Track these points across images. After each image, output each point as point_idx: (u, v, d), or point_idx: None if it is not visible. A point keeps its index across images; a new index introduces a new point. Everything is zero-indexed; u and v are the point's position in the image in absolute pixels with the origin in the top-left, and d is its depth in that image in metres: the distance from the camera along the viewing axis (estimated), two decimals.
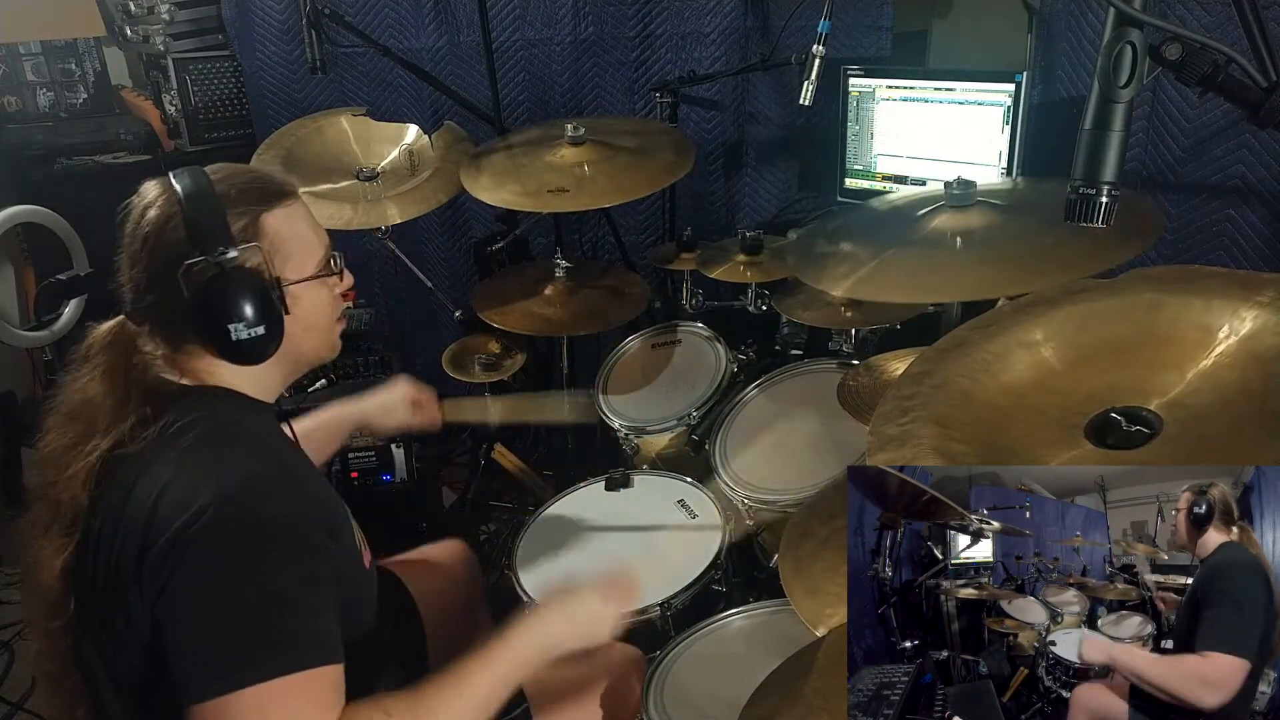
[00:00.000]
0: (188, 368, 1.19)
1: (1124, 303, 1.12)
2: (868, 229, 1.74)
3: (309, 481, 1.20)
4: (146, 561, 1.03)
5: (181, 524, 1.02)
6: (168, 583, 1.02)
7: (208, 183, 1.17)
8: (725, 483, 1.90)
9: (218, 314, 1.13)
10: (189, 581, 1.02)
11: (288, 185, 1.25)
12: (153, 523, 1.04)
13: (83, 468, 1.11)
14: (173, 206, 1.15)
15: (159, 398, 1.14)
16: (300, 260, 1.22)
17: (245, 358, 1.17)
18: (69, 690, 1.16)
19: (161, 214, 1.15)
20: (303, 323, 1.22)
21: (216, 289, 1.13)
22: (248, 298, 1.14)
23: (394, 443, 2.35)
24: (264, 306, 1.16)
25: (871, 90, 2.46)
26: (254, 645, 1.00)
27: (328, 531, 1.13)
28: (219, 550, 1.02)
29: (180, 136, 3.03)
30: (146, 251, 1.15)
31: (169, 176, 1.18)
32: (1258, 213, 1.96)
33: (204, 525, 1.02)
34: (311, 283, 1.23)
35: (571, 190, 2.17)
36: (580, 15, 2.75)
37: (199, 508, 1.02)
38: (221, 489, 1.05)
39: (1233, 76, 0.99)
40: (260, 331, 1.15)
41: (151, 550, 1.03)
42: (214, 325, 1.14)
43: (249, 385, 1.22)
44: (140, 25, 2.98)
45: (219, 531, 1.02)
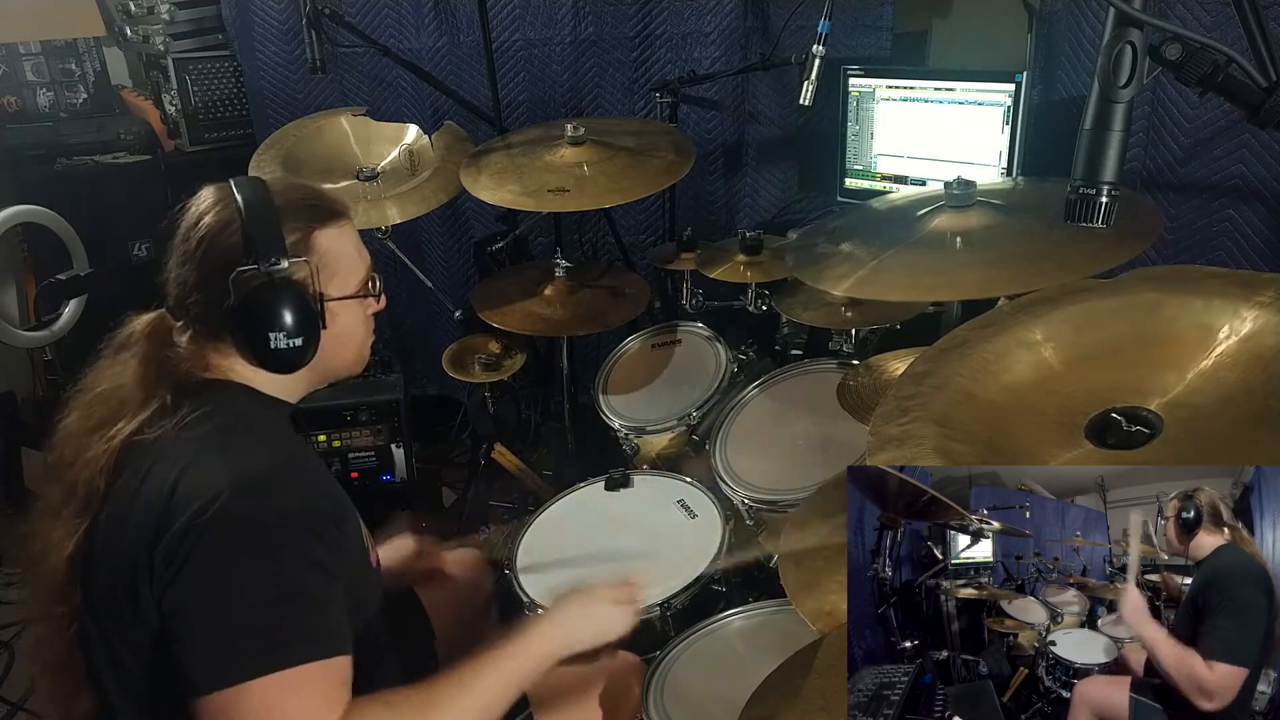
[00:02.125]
0: (214, 364, 1.21)
1: (1124, 303, 1.12)
2: (868, 229, 1.74)
3: (320, 478, 1.22)
4: (159, 549, 1.04)
5: (195, 512, 1.03)
6: (179, 572, 1.03)
7: (267, 194, 1.21)
8: (725, 483, 1.90)
9: (260, 322, 1.17)
10: (200, 571, 1.03)
11: (341, 205, 1.29)
12: (167, 510, 1.05)
13: (103, 452, 1.13)
14: (232, 213, 1.18)
15: (181, 390, 1.17)
16: (344, 279, 1.26)
17: (279, 366, 1.20)
18: (68, 679, 1.17)
19: (219, 219, 1.18)
20: (338, 338, 1.26)
21: (263, 298, 1.17)
22: (291, 309, 1.18)
23: (394, 443, 2.36)
24: (305, 320, 1.19)
25: (871, 90, 2.46)
26: (264, 637, 1.01)
27: (337, 527, 1.15)
28: (231, 540, 1.04)
29: (180, 136, 3.02)
30: (200, 253, 1.18)
31: (229, 184, 1.22)
32: (1258, 213, 1.96)
33: (217, 514, 1.03)
34: (351, 301, 1.27)
35: (572, 190, 2.17)
36: (580, 15, 2.75)
37: (212, 495, 1.04)
38: (236, 479, 1.06)
39: (1233, 76, 0.99)
40: (298, 343, 1.19)
41: (164, 538, 1.04)
42: (255, 332, 1.17)
43: (270, 385, 1.24)
44: (140, 25, 2.98)
45: (232, 521, 1.04)
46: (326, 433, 2.37)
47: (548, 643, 1.24)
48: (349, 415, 2.37)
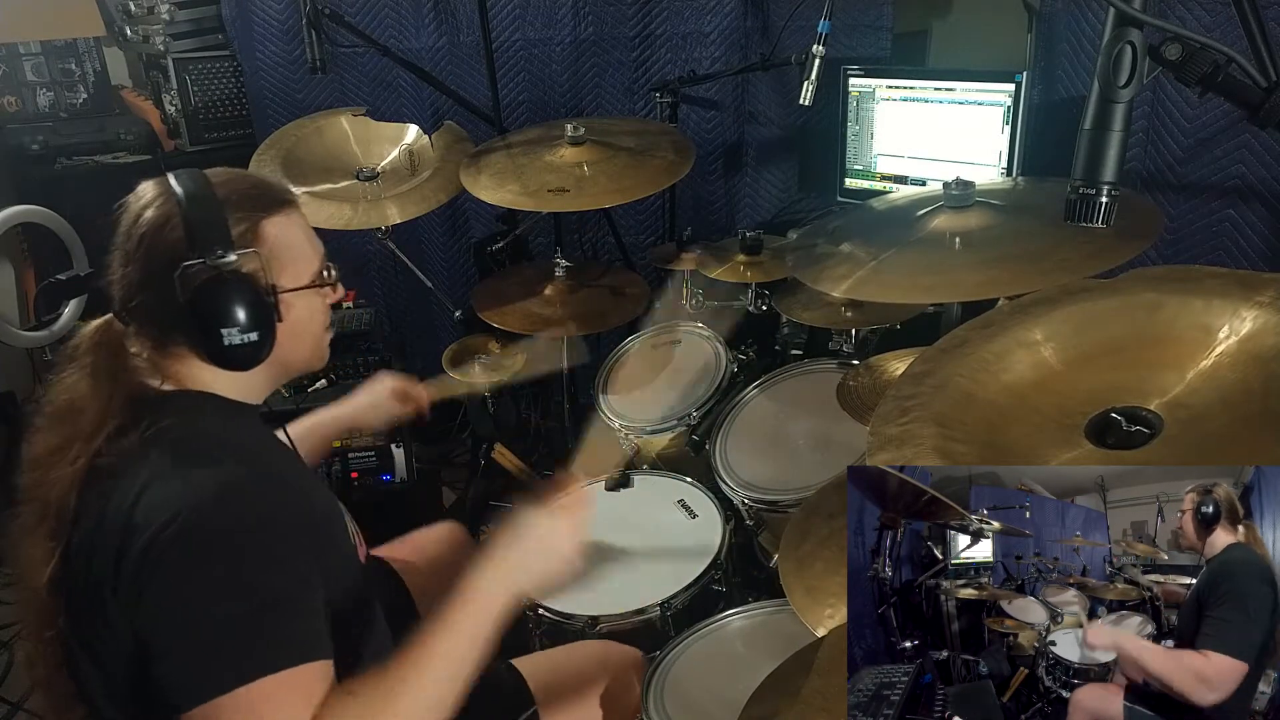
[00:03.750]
0: (170, 371, 1.18)
1: (1124, 303, 1.12)
2: (868, 229, 1.74)
3: (291, 480, 1.19)
4: (122, 569, 1.02)
5: (154, 531, 1.01)
6: (143, 591, 1.01)
7: (208, 185, 1.17)
8: (725, 483, 1.90)
9: (212, 317, 1.13)
10: (165, 588, 1.01)
11: (287, 193, 1.25)
12: (128, 530, 1.03)
13: (68, 473, 1.10)
14: (172, 207, 1.14)
15: (139, 404, 1.14)
16: (296, 269, 1.22)
17: (236, 363, 1.16)
18: (61, 695, 1.15)
19: (160, 214, 1.14)
20: (293, 331, 1.21)
21: (212, 292, 1.12)
22: (243, 303, 1.13)
23: (394, 442, 2.35)
24: (258, 313, 1.15)
25: (871, 90, 2.46)
26: (234, 647, 1.00)
27: (313, 529, 1.12)
28: (192, 556, 1.02)
29: (180, 136, 3.02)
30: (142, 251, 1.14)
31: (168, 177, 1.17)
32: (1258, 213, 1.96)
33: (176, 531, 1.01)
34: (305, 292, 1.23)
35: (571, 190, 2.17)
36: (580, 15, 2.75)
37: (172, 514, 1.02)
38: (194, 496, 1.04)
39: (1233, 76, 0.99)
40: (253, 337, 1.14)
41: (126, 558, 1.02)
42: (207, 329, 1.13)
43: (232, 389, 1.21)
44: (140, 25, 2.98)
45: (192, 537, 1.02)
46: None
47: (501, 588, 1.15)
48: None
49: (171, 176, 1.17)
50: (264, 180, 1.26)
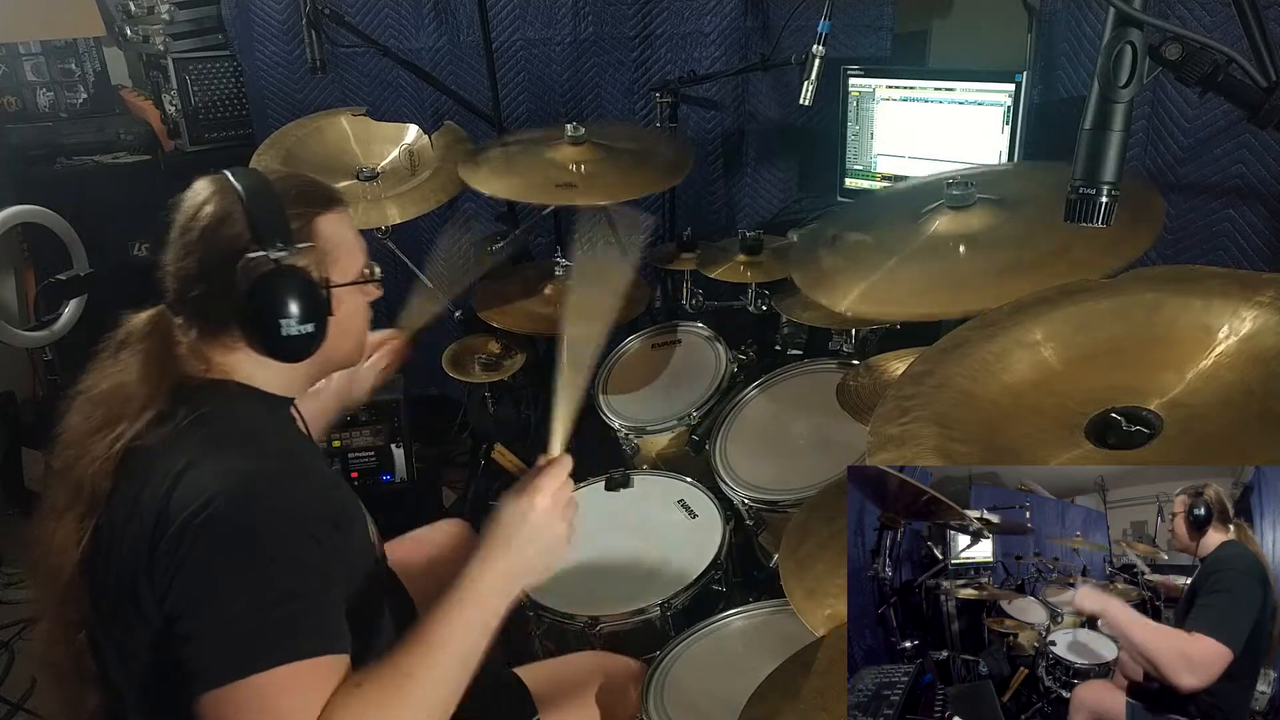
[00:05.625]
0: (214, 361, 1.21)
1: (1124, 303, 1.12)
2: (867, 229, 1.74)
3: (319, 478, 1.21)
4: (157, 552, 1.05)
5: (188, 516, 1.04)
6: (176, 574, 1.04)
7: (267, 182, 1.21)
8: (725, 483, 1.90)
9: (271, 309, 1.16)
10: (196, 573, 1.04)
11: (337, 193, 1.29)
12: (163, 515, 1.06)
13: (105, 453, 1.13)
14: (233, 202, 1.17)
15: (181, 392, 1.17)
16: (345, 265, 1.25)
17: (291, 353, 1.19)
18: (77, 680, 1.17)
19: (220, 208, 1.17)
20: (341, 325, 1.25)
21: (273, 284, 1.16)
22: (300, 295, 1.17)
23: (394, 442, 2.36)
24: (314, 305, 1.18)
25: (871, 90, 2.46)
26: (257, 634, 1.02)
27: (335, 526, 1.14)
28: (224, 543, 1.04)
29: (180, 136, 3.02)
30: (202, 244, 1.17)
31: (225, 174, 1.21)
32: (1258, 213, 1.96)
33: (208, 518, 1.04)
34: (352, 288, 1.27)
35: (579, 186, 2.17)
36: (580, 15, 2.75)
37: (205, 500, 1.04)
38: (228, 483, 1.06)
39: (1233, 76, 0.99)
40: (309, 329, 1.18)
41: (161, 542, 1.05)
42: (266, 320, 1.16)
43: (272, 382, 1.24)
44: (140, 25, 2.98)
45: (224, 524, 1.04)
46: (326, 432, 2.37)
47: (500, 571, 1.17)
48: (349, 415, 2.36)
49: (229, 173, 1.21)
50: (317, 179, 1.31)
